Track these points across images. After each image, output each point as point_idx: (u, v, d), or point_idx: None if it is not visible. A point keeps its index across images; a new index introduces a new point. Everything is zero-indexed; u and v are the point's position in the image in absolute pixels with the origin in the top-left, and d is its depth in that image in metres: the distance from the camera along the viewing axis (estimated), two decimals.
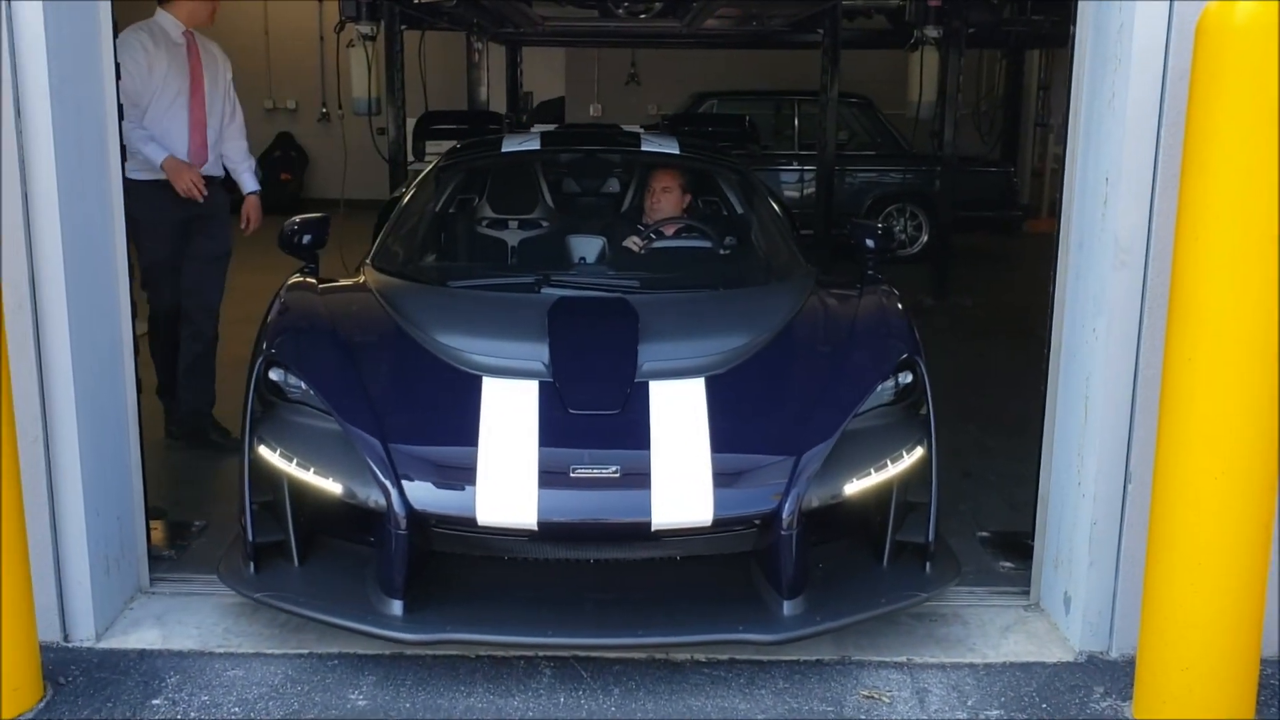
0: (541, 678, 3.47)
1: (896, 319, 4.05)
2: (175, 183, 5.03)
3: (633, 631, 3.33)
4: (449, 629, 3.33)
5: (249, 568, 3.62)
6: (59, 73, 3.40)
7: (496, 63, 12.58)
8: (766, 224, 5.22)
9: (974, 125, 12.71)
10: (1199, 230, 2.95)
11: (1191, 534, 3.06)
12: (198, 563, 4.13)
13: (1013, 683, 3.51)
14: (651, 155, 5.47)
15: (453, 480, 3.47)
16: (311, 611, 3.45)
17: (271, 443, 3.63)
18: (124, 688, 3.40)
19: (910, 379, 3.80)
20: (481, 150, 5.74)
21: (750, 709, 3.33)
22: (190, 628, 3.74)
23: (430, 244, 5.11)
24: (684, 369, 3.74)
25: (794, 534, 3.36)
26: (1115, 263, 3.43)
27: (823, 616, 3.40)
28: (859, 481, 3.54)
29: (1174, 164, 3.27)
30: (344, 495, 3.49)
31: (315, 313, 4.05)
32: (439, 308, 4.16)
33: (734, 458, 3.50)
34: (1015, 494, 4.84)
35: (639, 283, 4.43)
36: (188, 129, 5.20)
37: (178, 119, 5.17)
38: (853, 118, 11.70)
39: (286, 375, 3.74)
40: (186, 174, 5.06)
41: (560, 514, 3.39)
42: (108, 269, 3.75)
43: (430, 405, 3.71)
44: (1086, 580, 3.62)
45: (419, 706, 3.32)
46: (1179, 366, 3.04)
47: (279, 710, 3.30)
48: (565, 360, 3.76)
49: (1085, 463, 3.63)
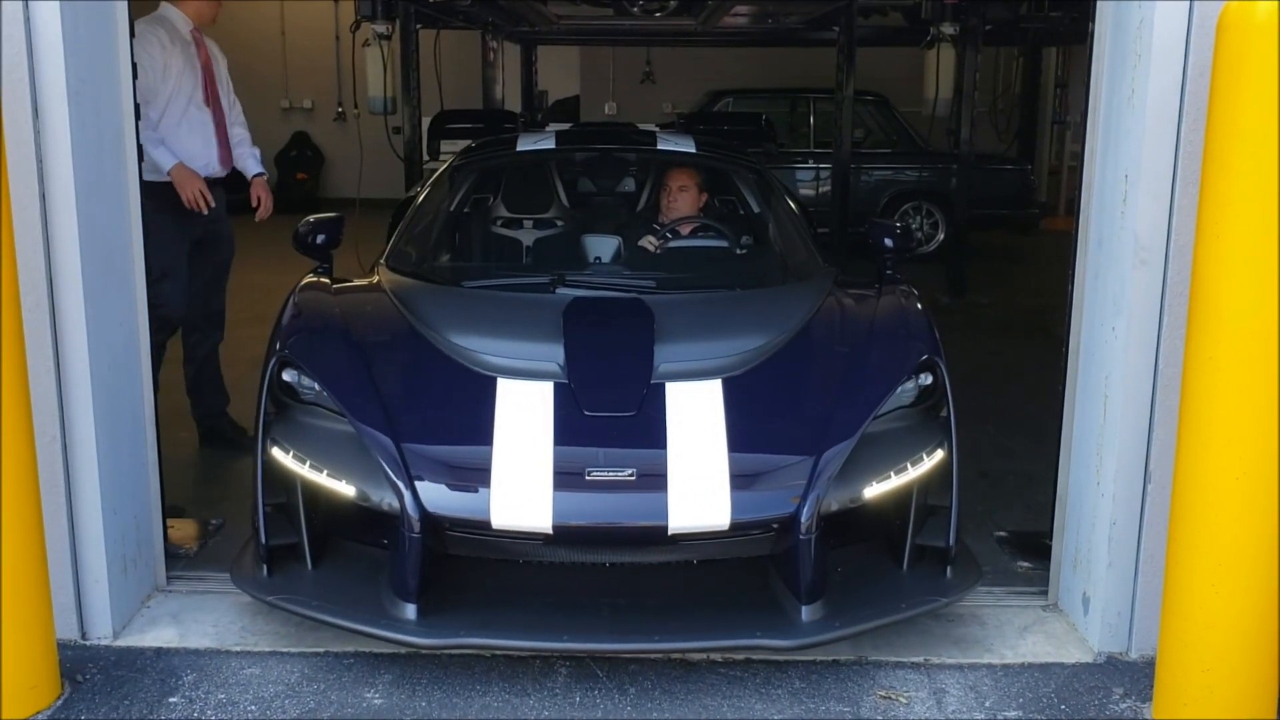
0: (557, 677, 3.46)
1: (916, 319, 4.00)
2: (182, 192, 4.92)
3: (648, 637, 3.30)
4: (463, 633, 3.30)
5: (262, 570, 3.59)
6: (77, 73, 3.41)
7: (511, 62, 12.60)
8: (784, 223, 5.17)
9: (990, 123, 12.66)
10: (1220, 228, 2.92)
11: (1212, 534, 3.04)
12: (215, 561, 4.13)
13: (1031, 683, 3.49)
14: (667, 154, 5.41)
15: (467, 483, 3.44)
16: (324, 615, 3.41)
17: (285, 444, 3.61)
18: (141, 685, 3.41)
19: (930, 380, 3.75)
20: (496, 149, 5.70)
21: (766, 709, 3.32)
22: (207, 626, 3.74)
23: (444, 244, 5.07)
24: (701, 370, 3.69)
25: (812, 538, 3.31)
26: (1135, 261, 3.41)
27: (841, 622, 3.35)
28: (878, 485, 3.49)
29: (1194, 161, 3.24)
30: (357, 498, 3.46)
31: (328, 314, 4.02)
32: (453, 308, 4.12)
33: (752, 460, 3.45)
34: (1032, 494, 4.83)
35: (655, 283, 4.38)
36: (215, 139, 5.12)
37: (200, 127, 5.07)
38: (869, 115, 11.68)
39: (300, 376, 3.71)
40: (194, 184, 4.94)
41: (575, 517, 3.34)
42: (125, 269, 3.76)
43: (444, 407, 3.68)
44: (1105, 581, 3.60)
45: (435, 705, 3.32)
46: (1200, 366, 3.01)
47: (295, 709, 3.30)
48: (580, 361, 3.72)
49: (1104, 462, 3.60)
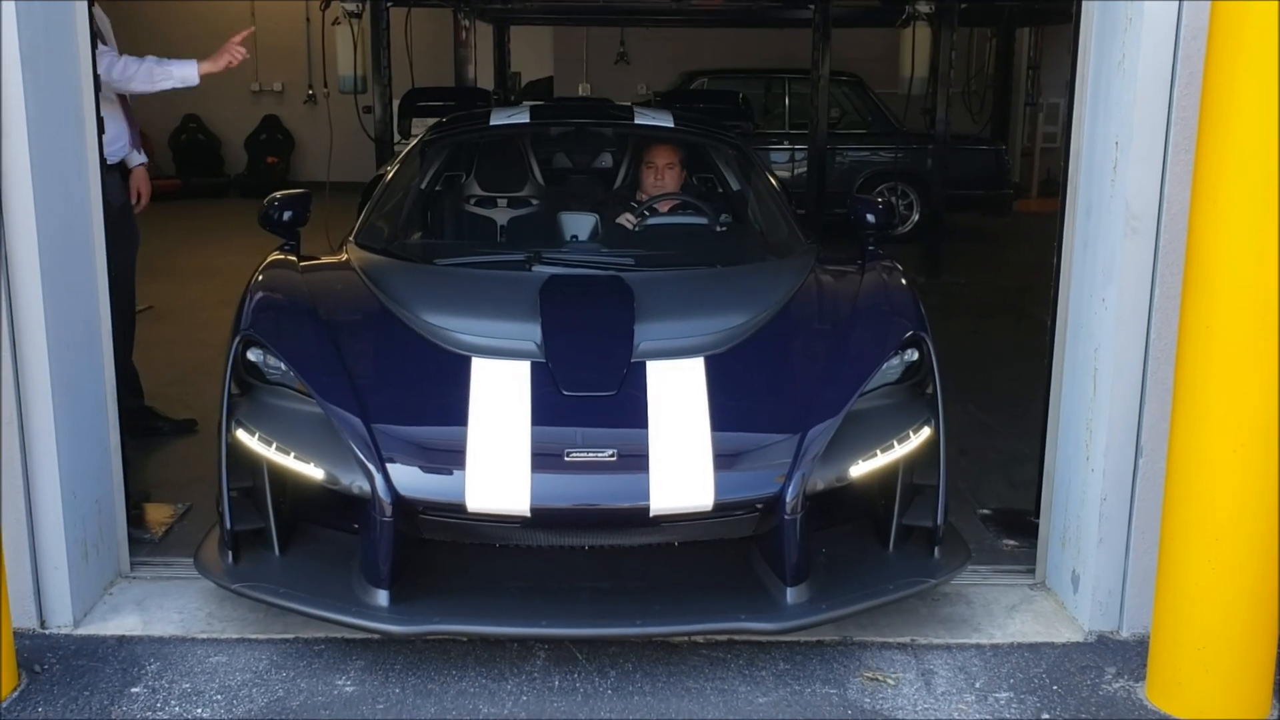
0: (535, 661, 3.36)
1: (901, 294, 3.90)
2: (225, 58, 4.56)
3: (630, 621, 3.20)
4: (437, 619, 3.18)
5: (227, 557, 3.44)
6: (30, 41, 3.26)
7: (484, 42, 12.44)
8: (764, 199, 5.05)
9: (964, 104, 12.59)
10: (1217, 192, 2.84)
11: (1208, 508, 2.97)
12: (181, 546, 4.00)
13: (1021, 664, 3.41)
14: (645, 129, 5.28)
15: (440, 464, 3.31)
16: (292, 603, 3.27)
17: (250, 426, 3.45)
18: (102, 675, 3.29)
19: (916, 356, 3.64)
20: (469, 124, 5.56)
21: (751, 692, 3.23)
22: (172, 613, 3.62)
23: (416, 222, 4.93)
24: (682, 348, 3.60)
25: (798, 518, 3.22)
26: (1126, 230, 3.33)
27: (828, 605, 3.26)
28: (865, 463, 3.39)
29: (1188, 126, 3.17)
30: (326, 481, 3.32)
31: (295, 291, 3.87)
32: (425, 286, 3.99)
33: (735, 439, 3.36)
34: (1014, 472, 4.78)
35: (634, 260, 4.27)
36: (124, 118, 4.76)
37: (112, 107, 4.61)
38: (844, 96, 11.58)
39: (265, 356, 3.57)
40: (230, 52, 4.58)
41: (554, 499, 3.23)
42: (84, 248, 3.62)
43: (416, 386, 3.56)
44: (1096, 558, 3.52)
45: (408, 691, 3.21)
46: (1195, 335, 2.93)
47: (263, 697, 3.19)
48: (558, 340, 3.61)
49: (1094, 437, 3.52)
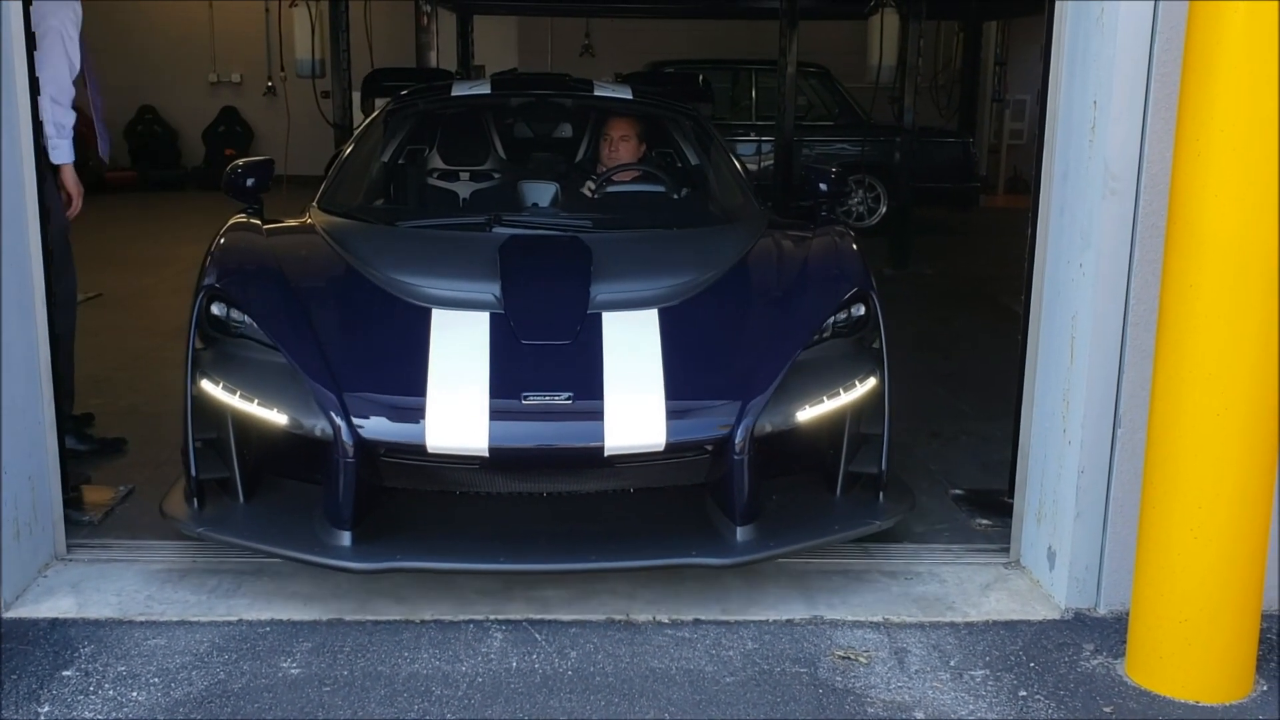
0: (492, 643, 3.21)
1: (849, 254, 3.98)
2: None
3: (584, 557, 3.30)
4: (398, 557, 3.24)
5: (192, 504, 3.50)
6: None
7: (447, 34, 12.25)
8: (720, 169, 5.10)
9: (931, 99, 12.53)
10: (1201, 145, 2.73)
11: (1190, 476, 2.86)
12: (121, 530, 3.87)
13: (997, 642, 3.29)
14: (605, 100, 5.27)
15: (401, 408, 3.36)
16: (255, 543, 3.34)
17: (214, 376, 3.48)
18: (32, 658, 3.10)
19: (863, 311, 3.75)
20: (431, 95, 5.45)
21: (718, 672, 3.09)
22: (109, 595, 3.45)
23: (379, 192, 4.88)
24: (636, 300, 3.69)
25: (745, 459, 3.33)
26: (1104, 191, 3.22)
27: (776, 542, 3.37)
28: (811, 409, 3.49)
29: (1169, 84, 3.07)
30: (290, 425, 3.36)
31: (258, 248, 3.89)
32: (388, 245, 4.05)
33: (687, 384, 3.45)
34: (986, 454, 4.70)
35: (592, 223, 4.28)
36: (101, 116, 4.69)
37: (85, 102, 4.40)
38: (811, 88, 11.49)
39: (229, 310, 3.61)
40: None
41: (512, 440, 3.31)
42: (16, 210, 3.45)
43: (378, 335, 3.61)
44: (1073, 533, 3.41)
45: (358, 674, 3.05)
46: (1179, 295, 2.82)
47: (202, 680, 3.01)
48: (517, 293, 3.67)
49: (1071, 409, 3.41)
